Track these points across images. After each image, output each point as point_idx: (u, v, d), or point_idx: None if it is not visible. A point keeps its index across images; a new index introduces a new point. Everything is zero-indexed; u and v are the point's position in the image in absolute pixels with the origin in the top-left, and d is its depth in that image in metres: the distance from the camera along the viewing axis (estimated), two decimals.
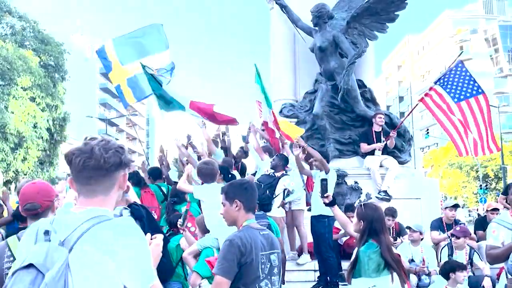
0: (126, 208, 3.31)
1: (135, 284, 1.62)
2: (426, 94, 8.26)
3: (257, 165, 7.84)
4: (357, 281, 3.75)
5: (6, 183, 26.04)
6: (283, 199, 6.85)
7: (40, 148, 27.64)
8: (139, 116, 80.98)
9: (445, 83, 8.05)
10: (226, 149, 9.06)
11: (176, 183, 7.49)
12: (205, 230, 5.10)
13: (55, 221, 1.66)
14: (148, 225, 3.57)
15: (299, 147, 7.67)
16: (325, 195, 4.44)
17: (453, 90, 7.97)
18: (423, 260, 6.44)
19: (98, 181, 1.74)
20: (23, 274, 1.53)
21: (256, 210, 3.31)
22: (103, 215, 1.69)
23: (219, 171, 5.52)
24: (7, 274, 2.54)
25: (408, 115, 10.48)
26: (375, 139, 8.64)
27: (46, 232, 1.60)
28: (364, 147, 8.74)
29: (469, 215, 40.37)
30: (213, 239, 4.96)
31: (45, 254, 1.54)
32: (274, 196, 6.62)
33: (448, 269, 5.68)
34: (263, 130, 8.77)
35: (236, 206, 3.04)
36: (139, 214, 3.48)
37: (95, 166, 1.71)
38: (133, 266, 1.64)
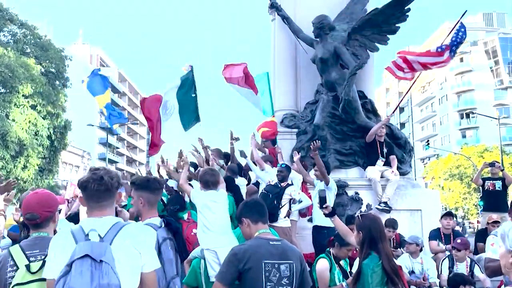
0: (163, 221, 3.65)
1: (150, 264, 2.50)
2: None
3: (258, 175, 7.84)
4: None
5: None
6: (289, 208, 6.85)
7: (40, 156, 27.64)
8: (140, 126, 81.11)
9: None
10: (228, 156, 9.08)
11: (176, 191, 7.51)
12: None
13: (85, 226, 2.44)
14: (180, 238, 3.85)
15: (298, 153, 7.78)
16: (324, 206, 4.45)
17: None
18: (424, 274, 6.42)
19: (106, 200, 2.55)
20: (82, 261, 2.24)
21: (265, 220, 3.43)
22: (120, 221, 2.52)
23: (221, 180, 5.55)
24: (10, 283, 2.57)
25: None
26: (379, 149, 8.66)
27: (87, 235, 2.38)
28: (369, 133, 8.70)
29: (469, 227, 40.23)
30: (200, 249, 5.03)
31: (91, 247, 2.28)
32: (280, 206, 6.63)
33: (460, 282, 5.71)
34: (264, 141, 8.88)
35: (245, 224, 3.28)
36: (176, 226, 3.79)
37: (105, 190, 2.52)
38: (148, 252, 2.51)
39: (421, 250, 6.86)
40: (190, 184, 6.35)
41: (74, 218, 5.80)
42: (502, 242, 2.40)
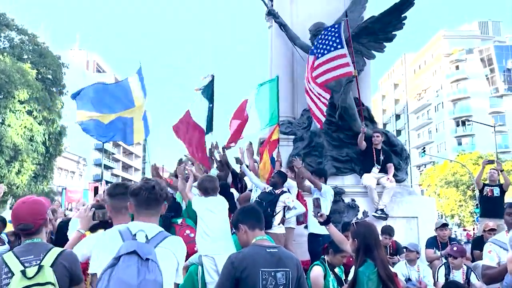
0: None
1: (180, 278, 2.68)
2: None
3: (254, 183, 7.83)
4: None
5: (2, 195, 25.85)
6: (283, 216, 6.83)
7: (35, 161, 27.51)
8: None
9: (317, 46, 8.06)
10: (222, 163, 9.04)
11: (173, 198, 7.49)
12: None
13: (132, 228, 2.64)
14: None
15: (299, 160, 7.77)
16: (318, 214, 4.44)
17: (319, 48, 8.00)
18: (422, 282, 6.41)
19: (154, 208, 2.74)
20: (129, 256, 2.38)
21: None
22: (163, 231, 2.71)
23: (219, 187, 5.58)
24: None
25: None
26: (375, 157, 8.66)
27: (134, 235, 2.56)
28: (359, 140, 8.70)
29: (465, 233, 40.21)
30: (198, 255, 5.02)
31: (137, 246, 2.43)
32: (274, 213, 6.61)
33: None
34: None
35: (242, 230, 3.26)
36: None
37: (154, 198, 2.73)
38: (182, 266, 2.71)
39: (418, 257, 6.86)
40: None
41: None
42: (509, 248, 2.41)
